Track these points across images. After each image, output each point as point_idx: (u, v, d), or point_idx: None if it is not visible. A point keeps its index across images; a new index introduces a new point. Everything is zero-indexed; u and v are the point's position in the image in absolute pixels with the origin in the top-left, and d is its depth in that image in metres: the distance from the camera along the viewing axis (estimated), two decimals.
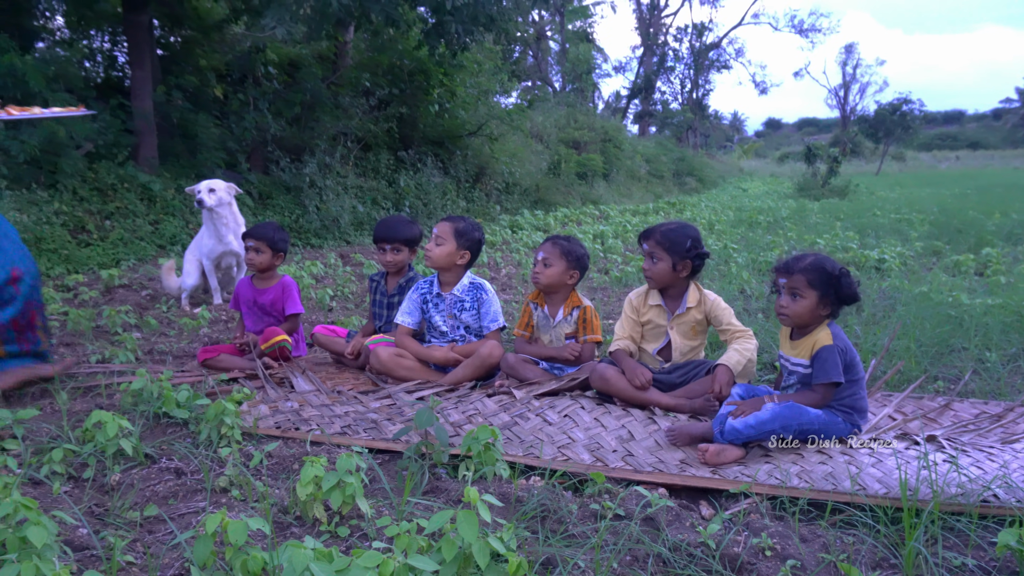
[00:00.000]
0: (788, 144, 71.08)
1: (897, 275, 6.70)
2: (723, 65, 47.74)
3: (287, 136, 11.31)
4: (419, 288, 3.85)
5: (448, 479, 2.54)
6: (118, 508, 2.28)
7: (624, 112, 43.96)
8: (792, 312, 2.80)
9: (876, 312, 5.03)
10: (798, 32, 47.75)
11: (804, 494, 2.34)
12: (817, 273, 2.75)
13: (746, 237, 10.24)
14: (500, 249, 9.53)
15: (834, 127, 62.71)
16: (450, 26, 9.57)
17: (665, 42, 45.54)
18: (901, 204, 15.88)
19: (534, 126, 19.62)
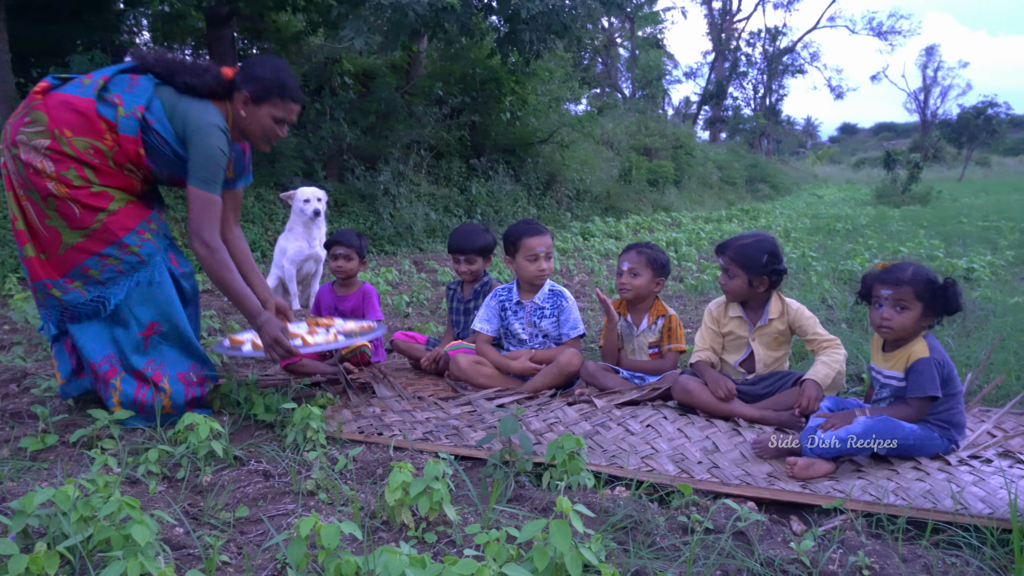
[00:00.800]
0: (864, 150, 69.21)
1: (988, 285, 6.44)
2: (797, 70, 46.87)
3: (362, 145, 11.52)
4: (497, 295, 3.85)
5: (532, 487, 2.53)
6: (211, 509, 2.33)
7: (695, 118, 43.47)
8: (897, 324, 2.71)
9: (968, 323, 4.83)
10: (876, 35, 46.60)
11: (903, 512, 2.25)
12: (924, 284, 2.66)
13: (824, 245, 9.99)
14: (572, 256, 9.50)
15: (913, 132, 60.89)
16: (524, 35, 9.62)
17: (737, 47, 44.95)
18: (988, 211, 15.29)
19: (604, 133, 19.57)
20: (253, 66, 3.08)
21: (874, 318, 2.78)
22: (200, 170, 2.96)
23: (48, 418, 2.98)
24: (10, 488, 2.39)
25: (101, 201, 2.91)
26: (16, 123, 2.91)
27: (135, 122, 2.90)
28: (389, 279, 7.22)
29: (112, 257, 2.94)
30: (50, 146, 2.83)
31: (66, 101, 2.88)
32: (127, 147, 2.91)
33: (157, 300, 3.05)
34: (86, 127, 2.86)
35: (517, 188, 13.56)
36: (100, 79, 2.93)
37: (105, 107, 2.89)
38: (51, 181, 2.84)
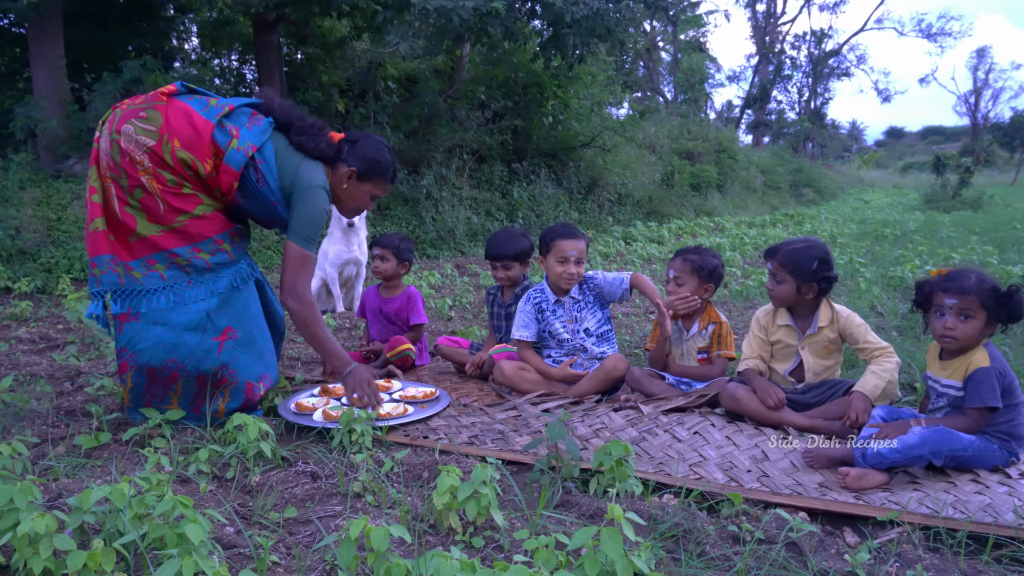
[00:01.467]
0: (911, 154, 67.93)
1: None
2: (843, 73, 46.10)
3: (405, 149, 11.60)
4: (531, 299, 3.81)
5: (578, 493, 2.51)
6: (260, 509, 2.35)
7: (737, 122, 43.02)
8: (961, 334, 2.63)
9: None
10: (925, 36, 45.63)
11: (963, 526, 2.19)
12: (989, 292, 2.58)
13: (872, 251, 9.81)
14: (614, 261, 9.45)
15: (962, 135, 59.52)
16: (567, 38, 9.60)
17: (782, 50, 44.37)
18: None
19: (646, 137, 19.46)
20: (363, 145, 3.24)
21: (936, 327, 2.70)
22: (303, 228, 3.07)
23: (102, 416, 3.04)
24: (66, 484, 2.43)
25: (188, 204, 2.95)
26: (130, 113, 2.93)
27: (243, 158, 2.96)
28: (431, 282, 7.25)
29: (182, 258, 2.97)
30: (153, 147, 2.87)
31: (187, 113, 2.94)
32: (224, 177, 2.98)
33: (234, 306, 3.08)
34: (195, 145, 2.91)
35: (559, 192, 13.54)
36: (226, 107, 3.01)
37: (221, 134, 2.95)
38: (145, 175, 2.88)
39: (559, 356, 3.77)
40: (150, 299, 2.95)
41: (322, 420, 3.09)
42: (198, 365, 3.01)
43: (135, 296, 2.95)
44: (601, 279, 3.75)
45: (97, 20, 10.64)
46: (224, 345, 3.05)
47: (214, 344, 3.03)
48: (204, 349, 3.01)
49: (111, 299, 2.95)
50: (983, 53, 56.74)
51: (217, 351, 3.03)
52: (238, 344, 3.08)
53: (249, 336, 3.13)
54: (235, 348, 3.08)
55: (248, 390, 3.13)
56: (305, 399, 3.35)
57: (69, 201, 8.05)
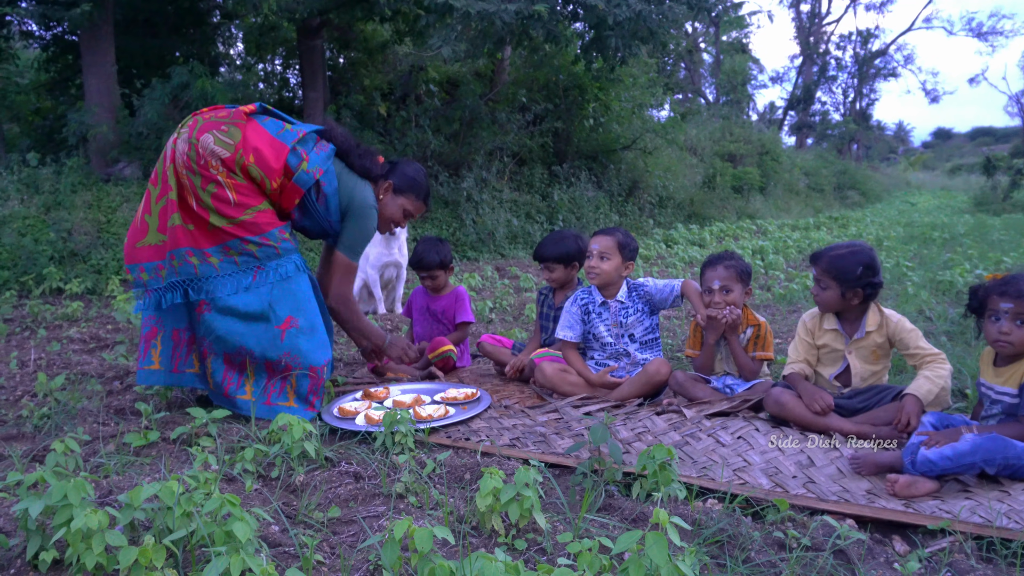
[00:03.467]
0: (960, 156, 66.35)
1: None
2: (890, 73, 45.21)
3: (446, 151, 11.66)
4: (578, 300, 3.82)
5: (621, 497, 2.50)
6: (305, 508, 2.38)
7: (780, 124, 42.48)
8: (1018, 339, 2.58)
9: None
10: (976, 35, 44.54)
11: (1019, 536, 2.13)
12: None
13: (920, 255, 9.62)
14: (655, 264, 9.39)
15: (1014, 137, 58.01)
16: (610, 41, 9.56)
17: (826, 51, 43.68)
18: None
19: (688, 139, 19.30)
20: (403, 165, 3.68)
21: (990, 332, 2.64)
22: (353, 242, 3.46)
23: (151, 415, 3.10)
24: (116, 482, 2.49)
25: (254, 199, 3.21)
26: (211, 124, 3.19)
27: (311, 180, 3.29)
28: (472, 284, 7.28)
29: (253, 243, 3.20)
30: (227, 160, 3.13)
31: (264, 135, 3.22)
32: (289, 194, 3.29)
33: (295, 295, 3.28)
34: (268, 164, 3.18)
35: (599, 195, 13.50)
36: (300, 133, 3.30)
37: (294, 157, 3.25)
38: (220, 175, 3.14)
39: (602, 359, 3.75)
40: (224, 283, 3.20)
41: (365, 424, 3.12)
42: (264, 352, 3.23)
43: (210, 281, 3.20)
44: (652, 286, 3.74)
45: (147, 28, 10.86)
46: (286, 333, 3.25)
47: (277, 332, 3.24)
48: (269, 337, 3.23)
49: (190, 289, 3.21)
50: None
51: (280, 339, 3.24)
52: (300, 332, 3.27)
53: (310, 324, 3.31)
54: (297, 335, 3.26)
55: (312, 375, 3.28)
56: (348, 403, 3.39)
57: (119, 204, 8.22)
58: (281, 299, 3.25)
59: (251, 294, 3.22)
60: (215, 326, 3.21)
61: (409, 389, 3.66)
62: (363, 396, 3.53)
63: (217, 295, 3.19)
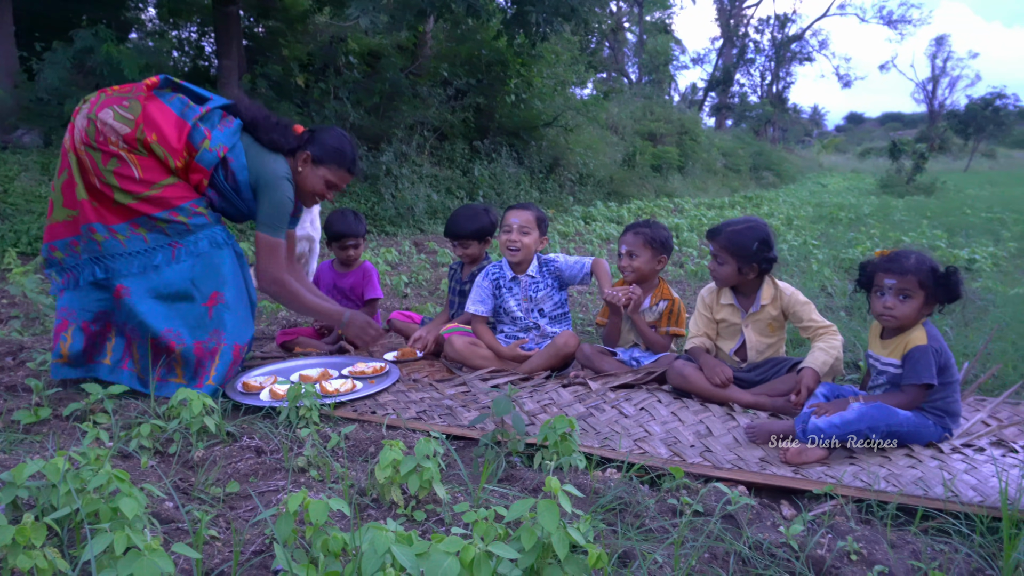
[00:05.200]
0: (870, 140, 68.77)
1: (989, 276, 6.42)
2: (805, 57, 46.54)
3: (366, 125, 11.48)
4: (489, 274, 3.82)
5: (523, 468, 2.53)
6: (202, 484, 2.33)
7: (701, 105, 43.25)
8: (900, 313, 2.69)
9: (968, 313, 4.82)
10: (887, 23, 46.22)
11: (893, 498, 2.24)
12: (927, 273, 2.64)
13: (826, 234, 9.96)
14: (573, 240, 9.48)
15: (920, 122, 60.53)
16: (531, 16, 9.54)
17: (746, 34, 44.63)
18: (993, 203, 15.22)
19: (610, 117, 19.48)
20: (322, 134, 3.43)
21: (876, 306, 2.76)
22: (269, 218, 3.28)
23: (42, 391, 2.98)
24: (2, 460, 2.39)
25: (162, 174, 3.09)
26: (112, 100, 3.07)
27: (215, 159, 3.15)
28: (389, 259, 7.22)
29: (161, 220, 3.08)
30: (127, 137, 3.02)
31: (165, 112, 3.10)
32: (193, 176, 3.15)
33: (217, 270, 3.18)
34: (171, 142, 3.07)
35: (520, 171, 13.52)
36: (202, 110, 3.17)
37: (196, 135, 3.11)
38: (121, 150, 3.02)
39: (513, 333, 3.78)
40: (131, 262, 3.09)
41: (269, 399, 3.07)
42: (193, 333, 3.15)
43: (117, 259, 3.09)
44: (563, 263, 3.77)
45: None
46: (214, 310, 3.17)
47: (204, 310, 3.16)
48: (196, 315, 3.16)
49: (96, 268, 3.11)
50: (942, 41, 57.67)
51: (208, 316, 3.16)
52: (227, 307, 3.19)
53: (236, 298, 3.23)
54: (224, 311, 3.18)
55: (235, 352, 3.20)
56: (253, 378, 3.32)
57: (17, 173, 7.85)
58: (203, 275, 3.15)
59: (171, 272, 3.12)
60: (137, 311, 3.10)
61: (317, 363, 3.62)
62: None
63: (123, 272, 3.08)
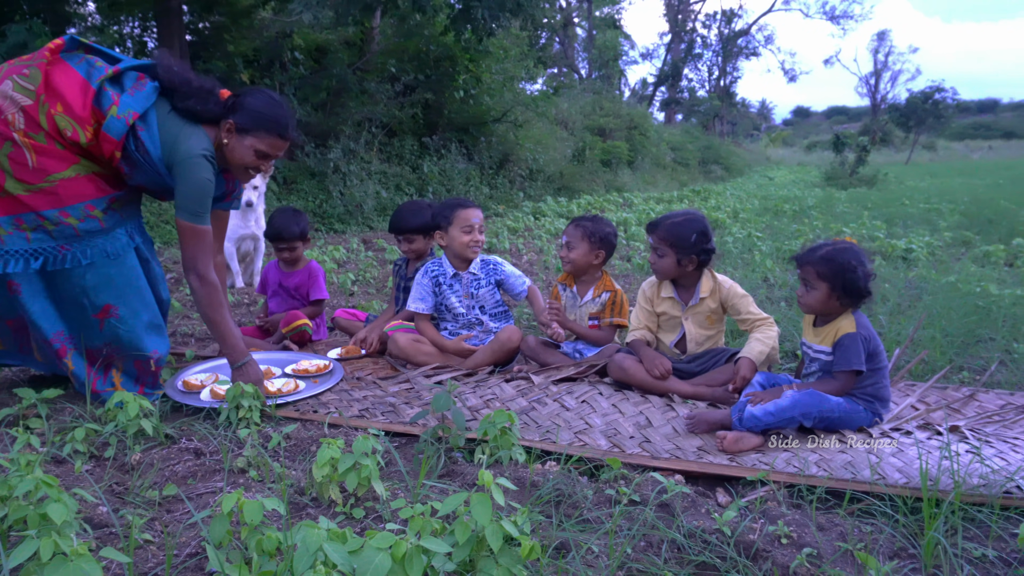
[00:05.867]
0: (817, 133, 70.18)
1: (925, 265, 6.61)
2: (752, 52, 47.26)
3: (313, 122, 11.37)
4: (428, 271, 3.82)
5: (465, 463, 2.54)
6: (138, 487, 2.31)
7: (651, 99, 43.65)
8: (805, 302, 2.82)
9: (902, 302, 4.96)
10: (830, 19, 47.12)
11: (822, 482, 2.31)
12: (827, 265, 2.72)
13: (771, 226, 10.15)
14: (522, 236, 9.51)
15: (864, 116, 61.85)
16: (477, 11, 9.54)
17: (693, 29, 45.13)
18: (931, 194, 15.64)
19: (559, 113, 19.55)
20: (247, 97, 3.00)
21: (797, 295, 2.87)
22: (188, 203, 2.88)
23: None
24: None
25: (60, 164, 2.75)
26: (14, 68, 2.74)
27: (123, 126, 2.77)
28: (336, 257, 7.17)
29: (49, 221, 2.76)
30: (27, 108, 2.68)
31: (71, 76, 2.76)
32: (104, 146, 2.79)
33: (113, 281, 2.92)
34: (76, 110, 2.73)
35: (470, 167, 13.51)
36: (111, 70, 2.80)
37: (103, 99, 2.76)
38: (16, 133, 2.69)
39: (455, 329, 3.79)
40: (15, 261, 2.78)
41: (209, 399, 3.03)
42: (85, 339, 2.96)
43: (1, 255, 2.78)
44: (507, 272, 3.82)
45: None
46: (105, 323, 2.94)
47: (94, 321, 2.93)
48: (86, 324, 2.94)
49: None
50: (883, 36, 59.11)
51: (99, 328, 2.94)
52: (121, 322, 2.96)
53: (133, 312, 2.98)
54: (118, 326, 2.95)
55: (138, 367, 3.05)
56: (192, 377, 3.27)
57: None
58: (97, 285, 2.89)
59: (60, 277, 2.85)
60: (29, 308, 2.87)
61: (261, 359, 3.57)
62: None
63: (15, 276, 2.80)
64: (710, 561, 1.93)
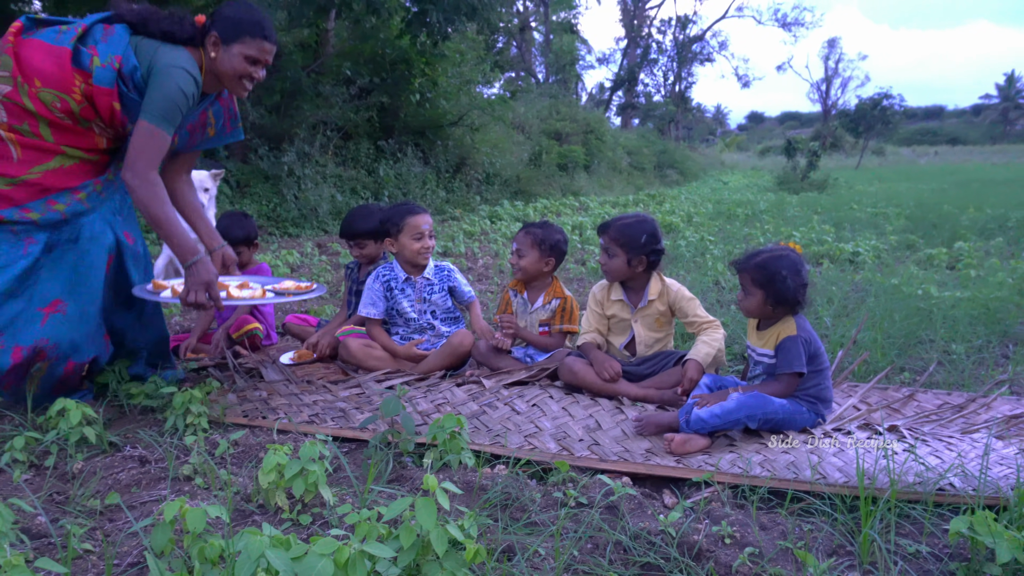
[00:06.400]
0: (770, 138, 71.42)
1: (871, 268, 6.76)
2: (706, 58, 47.86)
3: (267, 124, 11.24)
4: (380, 276, 3.80)
5: (415, 468, 2.55)
6: (79, 496, 2.27)
7: (607, 104, 43.97)
8: (743, 307, 2.91)
9: (848, 304, 5.07)
10: (781, 26, 47.94)
11: (765, 483, 2.36)
12: (761, 273, 2.80)
13: (724, 229, 10.29)
14: (478, 240, 9.52)
15: (816, 121, 63.08)
16: (431, 15, 9.53)
17: (649, 34, 45.60)
18: (879, 198, 15.98)
19: (516, 117, 19.59)
20: (223, 7, 2.93)
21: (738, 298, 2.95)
22: (153, 104, 2.73)
23: None
24: None
25: (45, 156, 2.73)
26: None
27: (112, 73, 2.71)
28: (290, 262, 7.10)
29: (34, 211, 2.72)
30: (8, 94, 2.63)
31: (39, 48, 2.67)
32: (100, 100, 2.72)
33: (73, 270, 2.83)
34: (57, 78, 2.66)
35: (426, 170, 13.48)
36: (79, 28, 2.72)
37: (82, 57, 2.69)
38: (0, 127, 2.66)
39: (407, 334, 3.78)
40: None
41: (171, 296, 2.95)
42: (15, 336, 2.74)
43: None
44: (460, 284, 3.84)
45: None
46: (49, 318, 2.79)
47: (37, 315, 2.77)
48: (25, 319, 2.75)
49: None
50: (833, 44, 60.34)
51: (40, 323, 2.77)
52: (66, 319, 2.82)
53: (82, 312, 2.87)
54: (62, 323, 2.81)
55: (68, 370, 2.91)
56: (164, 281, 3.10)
57: None
58: (52, 275, 2.79)
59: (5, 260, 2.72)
60: None
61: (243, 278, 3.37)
62: None
63: None
64: (654, 562, 1.96)
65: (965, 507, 2.11)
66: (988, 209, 12.20)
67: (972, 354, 4.07)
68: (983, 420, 2.97)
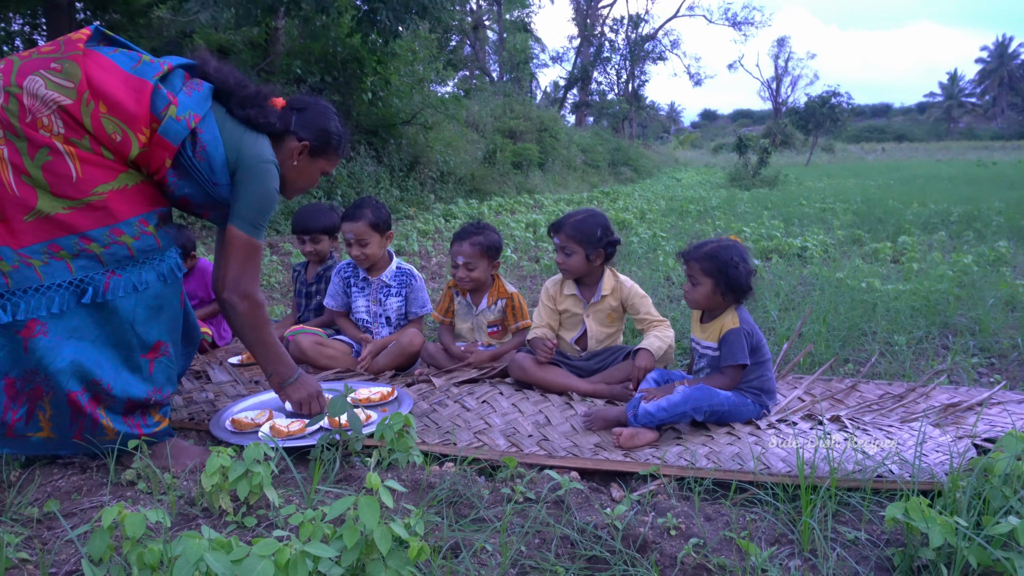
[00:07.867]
0: (724, 135, 72.30)
1: (818, 262, 6.89)
2: (658, 56, 48.26)
3: None
4: (340, 272, 3.80)
5: (363, 467, 2.53)
6: (16, 504, 2.21)
7: (561, 102, 44.15)
8: (690, 298, 2.93)
9: (795, 297, 5.17)
10: (732, 25, 48.57)
11: (710, 474, 2.40)
12: (712, 262, 2.84)
13: (676, 226, 10.40)
14: (432, 238, 9.49)
15: (767, 119, 64.06)
16: (381, 13, 9.47)
17: (602, 33, 45.84)
18: (827, 194, 16.30)
19: (470, 115, 19.58)
20: (312, 114, 2.71)
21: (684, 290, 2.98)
22: (249, 211, 2.51)
23: None
24: None
25: (109, 174, 2.30)
26: (36, 63, 2.25)
27: (185, 131, 2.37)
28: None
29: (97, 243, 2.29)
30: (69, 107, 2.22)
31: (113, 71, 2.30)
32: (157, 153, 2.36)
33: (166, 313, 2.48)
34: (129, 113, 2.28)
35: (380, 169, 13.40)
36: (164, 66, 2.40)
37: (158, 99, 2.33)
38: (56, 139, 2.22)
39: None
40: (51, 298, 2.25)
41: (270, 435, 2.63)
42: (126, 389, 2.40)
43: (29, 296, 2.23)
44: (417, 288, 3.79)
45: None
46: (155, 364, 2.48)
47: (143, 363, 2.44)
48: (131, 367, 2.42)
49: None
50: (783, 43, 61.42)
51: (148, 370, 2.46)
52: (171, 361, 2.53)
53: (176, 349, 2.59)
54: (169, 365, 2.53)
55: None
56: (240, 415, 2.91)
57: None
58: (149, 319, 2.41)
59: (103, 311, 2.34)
60: (59, 354, 2.26)
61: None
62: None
63: (42, 315, 2.23)
64: (600, 555, 1.97)
65: (902, 493, 2.17)
66: (931, 204, 12.52)
67: (913, 345, 4.18)
68: (922, 409, 3.05)
